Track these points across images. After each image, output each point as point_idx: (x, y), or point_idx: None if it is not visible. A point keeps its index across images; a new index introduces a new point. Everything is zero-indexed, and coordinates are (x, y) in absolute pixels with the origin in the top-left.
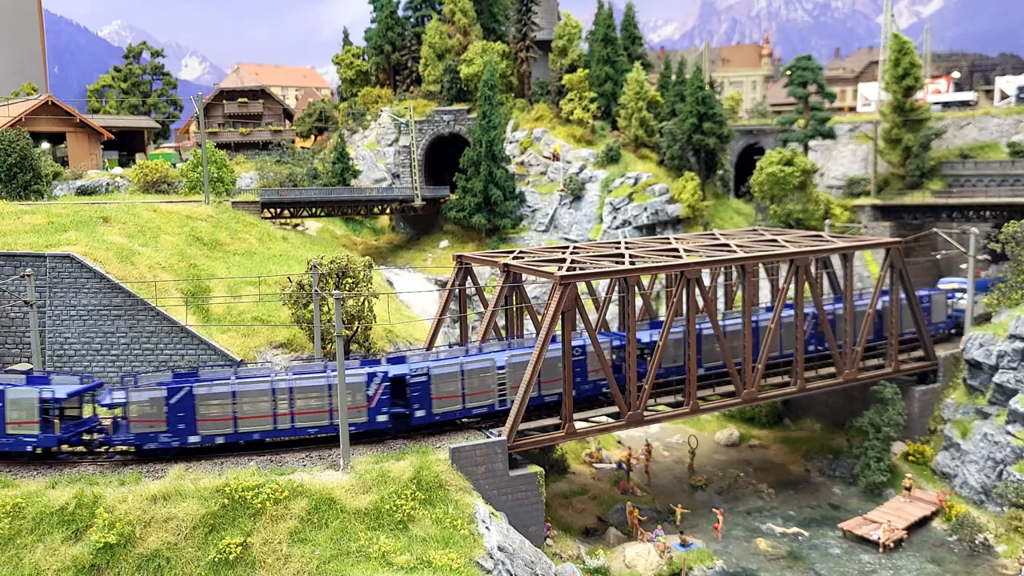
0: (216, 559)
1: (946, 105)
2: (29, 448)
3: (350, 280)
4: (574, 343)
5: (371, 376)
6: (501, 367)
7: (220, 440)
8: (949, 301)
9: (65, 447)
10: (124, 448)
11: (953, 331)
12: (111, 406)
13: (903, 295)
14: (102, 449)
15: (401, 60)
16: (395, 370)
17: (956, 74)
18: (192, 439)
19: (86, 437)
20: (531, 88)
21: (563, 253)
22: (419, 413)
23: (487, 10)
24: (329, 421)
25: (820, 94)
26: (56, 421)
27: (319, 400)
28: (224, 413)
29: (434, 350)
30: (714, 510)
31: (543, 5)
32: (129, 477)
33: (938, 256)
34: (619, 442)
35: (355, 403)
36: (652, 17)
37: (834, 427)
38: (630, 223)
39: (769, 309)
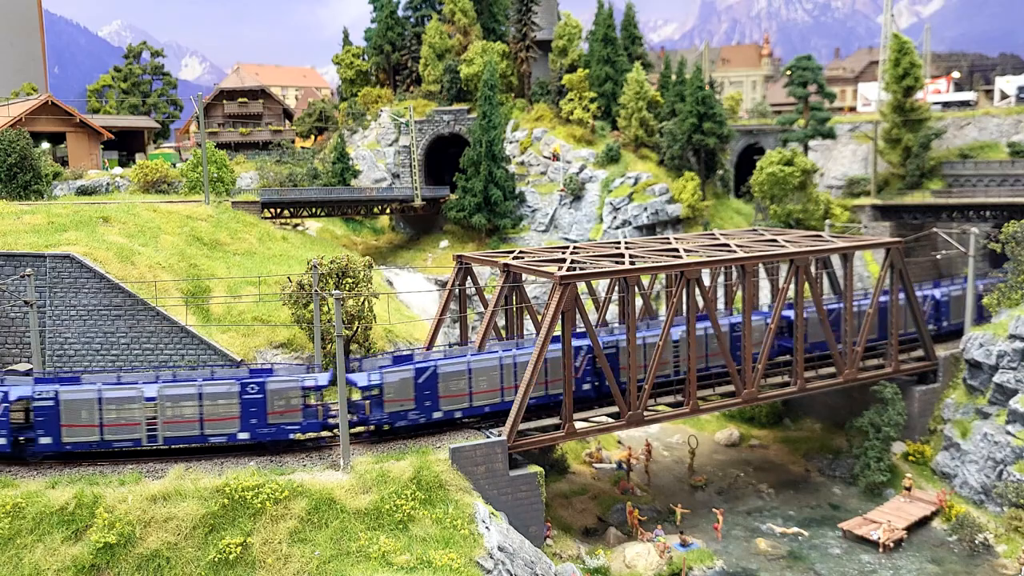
0: (216, 559)
1: (946, 105)
2: (292, 435)
3: (350, 280)
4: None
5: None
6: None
7: (458, 415)
8: None
9: (325, 432)
10: (374, 427)
11: None
12: (367, 388)
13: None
14: (359, 429)
15: (401, 60)
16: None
17: (956, 74)
18: (436, 415)
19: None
20: (531, 88)
21: (563, 253)
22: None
23: (487, 10)
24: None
25: (820, 94)
26: (320, 407)
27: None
28: (461, 389)
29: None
30: (714, 510)
31: (543, 5)
32: (129, 477)
33: (938, 256)
34: (619, 442)
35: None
36: (652, 17)
37: (834, 427)
38: (630, 223)
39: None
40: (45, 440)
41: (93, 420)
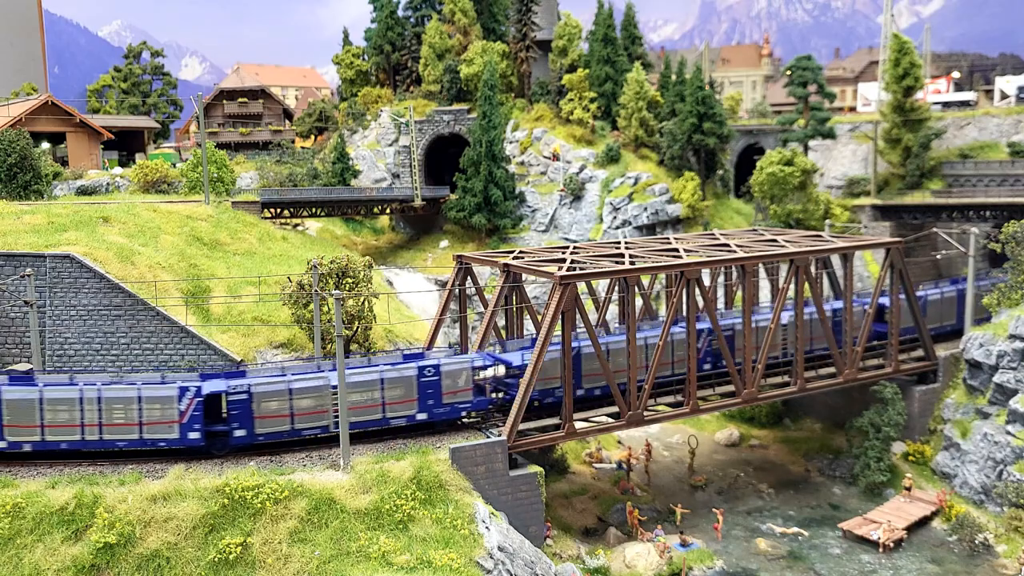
0: (216, 559)
1: (946, 105)
2: (463, 413)
3: (350, 280)
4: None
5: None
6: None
7: (597, 392)
8: None
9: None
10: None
11: None
12: (520, 367)
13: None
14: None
15: (401, 60)
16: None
17: (956, 74)
18: (579, 392)
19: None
20: (531, 88)
21: (563, 253)
22: None
23: (487, 10)
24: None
25: (820, 94)
26: (487, 386)
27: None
28: (593, 368)
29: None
30: (714, 510)
31: (543, 5)
32: (129, 477)
33: (938, 256)
34: (619, 442)
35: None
36: (652, 17)
37: (834, 427)
38: (630, 223)
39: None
40: (240, 433)
41: (284, 411)
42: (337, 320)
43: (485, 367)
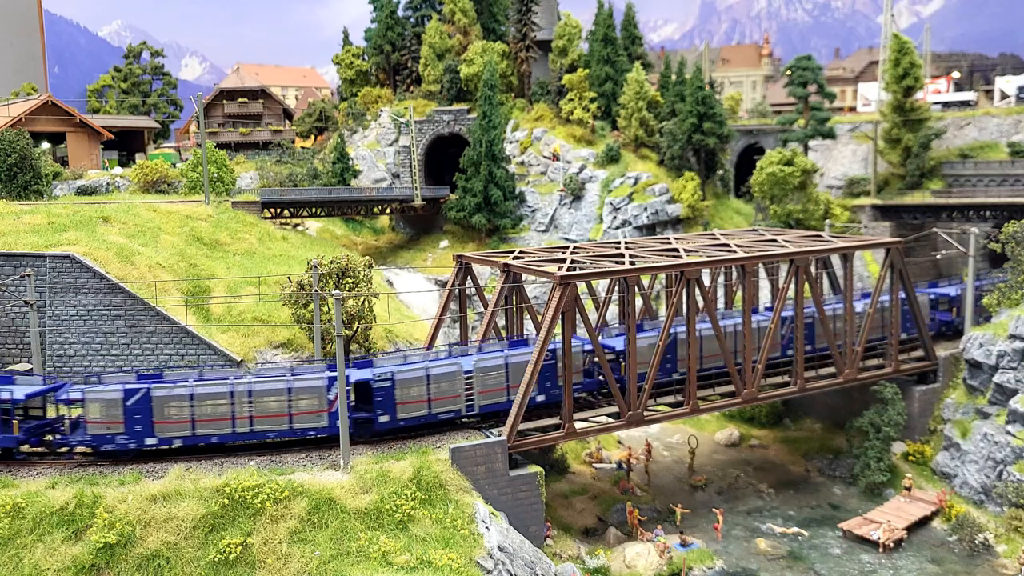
0: (216, 559)
1: (946, 105)
2: (576, 395)
3: (350, 280)
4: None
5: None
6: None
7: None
8: None
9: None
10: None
11: None
12: (621, 351)
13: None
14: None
15: (401, 60)
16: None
17: (956, 74)
18: (675, 375)
19: None
20: (531, 88)
21: (563, 253)
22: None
23: (487, 10)
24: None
25: (820, 94)
26: (594, 369)
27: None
28: (684, 356)
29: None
30: (714, 510)
31: (543, 5)
32: (129, 477)
33: (938, 256)
34: (619, 442)
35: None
36: (652, 17)
37: (834, 427)
38: (630, 223)
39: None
40: (384, 419)
41: (423, 396)
42: (337, 320)
43: (592, 351)
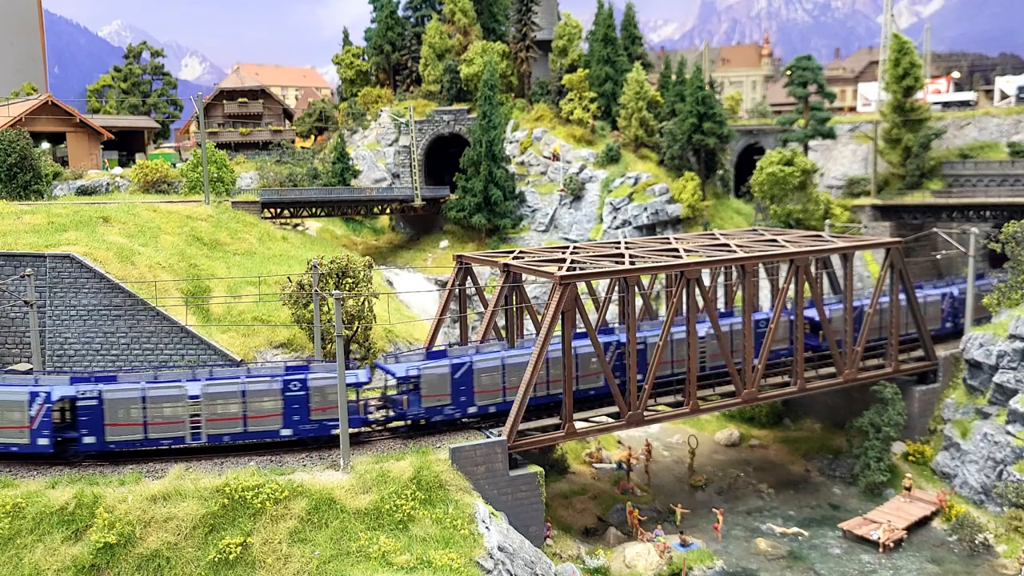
0: (216, 559)
1: (946, 105)
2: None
3: (350, 280)
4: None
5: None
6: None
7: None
8: None
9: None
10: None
11: None
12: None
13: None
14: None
15: (401, 60)
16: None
17: (956, 74)
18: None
19: None
20: (531, 88)
21: (563, 253)
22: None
23: (487, 10)
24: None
25: (820, 94)
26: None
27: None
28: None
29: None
30: (714, 510)
31: (543, 5)
32: (129, 477)
33: (938, 256)
34: (619, 442)
35: None
36: (652, 17)
37: (834, 427)
38: (630, 223)
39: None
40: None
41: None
42: (337, 320)
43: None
